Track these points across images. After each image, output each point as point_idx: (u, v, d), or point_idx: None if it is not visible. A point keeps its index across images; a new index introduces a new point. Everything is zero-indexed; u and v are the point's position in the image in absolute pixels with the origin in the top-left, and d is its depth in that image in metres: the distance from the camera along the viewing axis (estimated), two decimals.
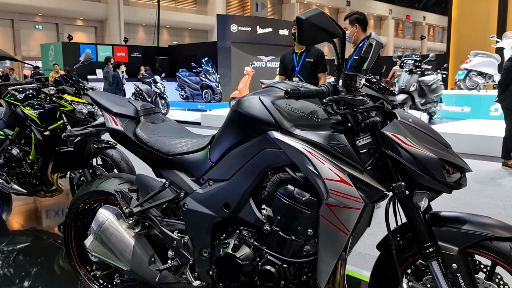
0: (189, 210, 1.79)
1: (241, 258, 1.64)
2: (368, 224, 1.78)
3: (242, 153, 1.67)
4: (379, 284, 1.64)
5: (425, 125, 1.52)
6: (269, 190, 1.62)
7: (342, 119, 1.57)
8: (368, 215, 1.74)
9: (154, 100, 12.94)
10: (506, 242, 1.43)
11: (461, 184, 1.47)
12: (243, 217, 1.69)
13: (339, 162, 1.48)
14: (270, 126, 1.59)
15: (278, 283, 1.60)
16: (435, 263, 1.46)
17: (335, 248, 1.50)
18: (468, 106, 9.94)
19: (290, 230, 1.57)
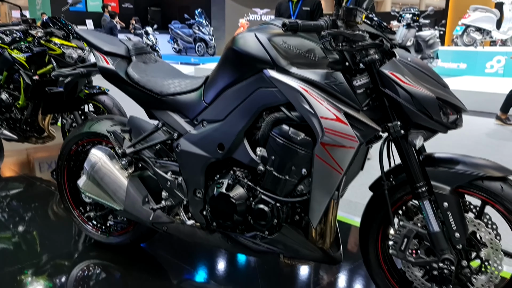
0: (183, 151, 1.78)
1: (235, 198, 1.65)
2: (361, 167, 1.79)
3: (237, 93, 1.64)
4: (370, 224, 1.67)
5: (424, 64, 1.49)
6: (264, 130, 1.60)
7: (339, 58, 1.53)
8: (361, 157, 1.74)
9: None
10: (497, 181, 1.44)
11: (457, 124, 1.46)
12: (237, 158, 1.68)
13: (336, 101, 1.46)
14: (266, 64, 1.55)
15: (271, 222, 1.62)
16: (427, 202, 1.47)
17: (328, 187, 1.50)
18: (464, 63, 9.86)
19: (284, 170, 1.57)
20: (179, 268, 2.11)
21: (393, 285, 1.67)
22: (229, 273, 2.09)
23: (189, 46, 16.12)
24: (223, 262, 2.18)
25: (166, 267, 2.14)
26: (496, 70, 9.45)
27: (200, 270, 2.10)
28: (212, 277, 2.04)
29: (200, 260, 2.18)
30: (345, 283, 2.00)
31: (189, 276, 2.05)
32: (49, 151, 4.13)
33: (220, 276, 2.06)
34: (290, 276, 2.04)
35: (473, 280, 1.50)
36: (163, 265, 2.16)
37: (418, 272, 1.59)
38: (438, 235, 1.47)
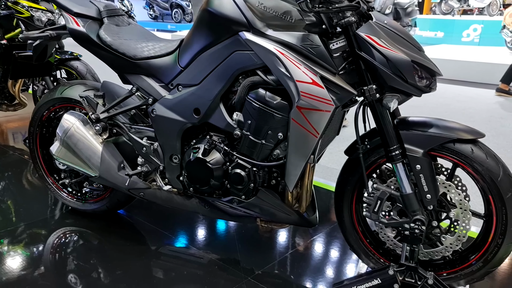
0: (158, 117, 1.76)
1: (212, 162, 1.65)
2: (337, 132, 1.80)
3: (213, 56, 1.61)
4: (345, 187, 1.69)
5: (400, 27, 1.49)
6: (240, 94, 1.59)
7: (316, 20, 1.51)
8: (337, 122, 1.75)
9: None
10: (468, 144, 1.48)
11: (431, 88, 1.47)
12: (213, 122, 1.67)
13: (312, 64, 1.45)
14: (241, 27, 1.51)
15: (248, 186, 1.63)
16: (400, 165, 1.50)
17: (304, 151, 1.51)
18: (441, 31, 9.92)
19: (260, 135, 1.57)
20: (157, 234, 2.12)
21: (366, 246, 1.72)
22: (207, 238, 2.12)
23: (165, 13, 15.68)
24: (201, 227, 2.20)
25: (145, 233, 2.15)
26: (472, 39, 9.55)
27: (178, 235, 2.11)
28: (191, 242, 2.06)
29: (178, 226, 2.20)
30: (321, 246, 2.05)
31: (168, 242, 2.07)
32: (21, 119, 4.01)
33: (199, 241, 2.08)
34: (267, 239, 2.08)
35: (442, 239, 1.56)
36: (141, 231, 2.17)
37: (391, 233, 1.64)
38: (410, 197, 1.51)
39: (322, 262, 1.93)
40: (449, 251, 1.57)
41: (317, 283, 1.79)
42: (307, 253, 1.98)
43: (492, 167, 1.46)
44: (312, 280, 1.81)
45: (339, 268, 1.89)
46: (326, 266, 1.90)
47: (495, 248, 1.51)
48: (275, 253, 1.96)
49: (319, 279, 1.82)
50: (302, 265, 1.90)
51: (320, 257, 1.96)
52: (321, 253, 1.99)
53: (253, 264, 1.90)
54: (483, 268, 1.55)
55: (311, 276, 1.83)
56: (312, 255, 1.97)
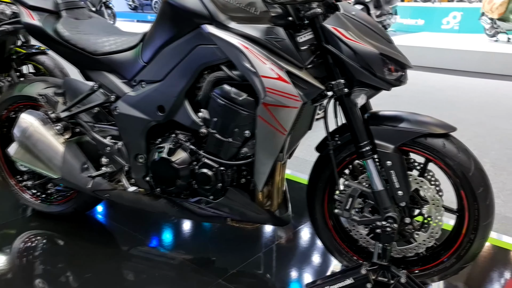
0: (121, 114, 1.68)
1: (177, 162, 1.58)
2: (309, 127, 1.75)
3: (176, 51, 1.53)
4: (316, 184, 1.65)
5: (368, 18, 1.43)
6: (205, 90, 1.52)
7: (282, 12, 1.44)
8: (308, 117, 1.70)
9: (99, 10, 11.98)
10: (440, 138, 1.44)
11: (401, 81, 1.42)
12: (178, 120, 1.59)
13: (277, 59, 1.38)
14: (203, 19, 1.44)
15: (216, 186, 1.57)
16: (371, 161, 1.46)
17: (272, 149, 1.45)
18: (421, 19, 9.92)
19: (227, 132, 1.50)
20: (127, 235, 2.05)
21: (339, 244, 1.69)
22: (178, 238, 2.06)
23: (145, 3, 15.39)
24: (172, 227, 2.13)
25: (114, 235, 2.08)
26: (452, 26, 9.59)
27: (149, 236, 2.05)
28: (162, 243, 2.00)
29: (149, 226, 2.13)
30: (295, 243, 2.01)
31: (138, 243, 2.00)
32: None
33: (170, 242, 2.02)
34: (240, 239, 2.02)
35: (416, 236, 1.53)
36: (111, 233, 2.09)
37: (364, 231, 1.61)
38: (382, 194, 1.47)
39: (296, 260, 1.88)
40: (423, 248, 1.54)
41: (291, 282, 1.75)
42: (281, 251, 1.94)
43: (464, 162, 1.42)
44: (285, 280, 1.76)
45: (313, 267, 1.85)
46: (300, 265, 1.85)
47: (468, 243, 1.49)
48: (248, 252, 1.91)
49: (292, 278, 1.77)
50: (276, 264, 1.85)
51: (294, 256, 1.92)
52: (296, 251, 1.95)
53: (226, 265, 1.84)
54: (456, 264, 1.52)
55: (285, 275, 1.79)
56: (286, 254, 1.92)
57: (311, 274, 1.80)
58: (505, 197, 2.62)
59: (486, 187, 1.43)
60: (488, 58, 6.44)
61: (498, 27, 7.99)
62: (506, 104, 4.80)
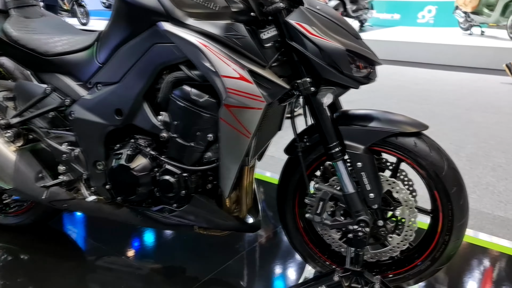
0: (77, 119, 1.57)
1: (137, 169, 1.48)
2: (279, 127, 1.67)
3: (132, 50, 1.43)
4: (286, 188, 1.57)
5: (335, 13, 1.36)
6: (163, 92, 1.42)
7: (244, 7, 1.35)
8: (277, 117, 1.62)
9: (71, 8, 11.68)
10: (411, 137, 1.38)
11: (370, 78, 1.35)
12: (138, 124, 1.50)
13: (239, 57, 1.30)
14: (159, 16, 1.34)
15: (179, 194, 1.48)
16: (341, 163, 1.39)
17: (237, 153, 1.37)
18: (397, 13, 9.97)
19: (189, 136, 1.41)
20: (91, 246, 1.95)
21: (312, 249, 1.62)
22: (146, 247, 1.96)
23: None
24: (138, 235, 2.03)
25: (77, 246, 1.97)
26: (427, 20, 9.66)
27: (114, 246, 1.94)
28: (128, 253, 1.90)
29: (113, 235, 2.02)
30: (268, 249, 1.93)
31: (102, 254, 1.89)
32: None
33: (137, 251, 1.92)
34: (210, 246, 1.93)
35: (389, 239, 1.47)
36: (73, 244, 1.98)
37: (336, 235, 1.54)
38: (353, 197, 1.40)
39: (268, 267, 1.81)
40: (397, 252, 1.48)
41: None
42: (252, 258, 1.86)
43: (436, 161, 1.37)
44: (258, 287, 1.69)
45: (287, 273, 1.78)
46: (272, 272, 1.78)
47: (442, 245, 1.43)
48: (218, 260, 1.83)
49: (264, 286, 1.70)
50: (247, 272, 1.78)
51: (267, 262, 1.84)
52: (268, 257, 1.87)
53: (196, 273, 1.76)
54: (431, 266, 1.47)
55: (257, 283, 1.71)
56: (258, 260, 1.85)
57: (283, 281, 1.73)
58: (480, 192, 2.60)
59: (460, 187, 1.38)
60: (462, 51, 6.49)
61: (471, 20, 8.08)
62: (480, 97, 4.83)
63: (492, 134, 3.60)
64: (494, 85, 5.42)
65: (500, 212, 2.36)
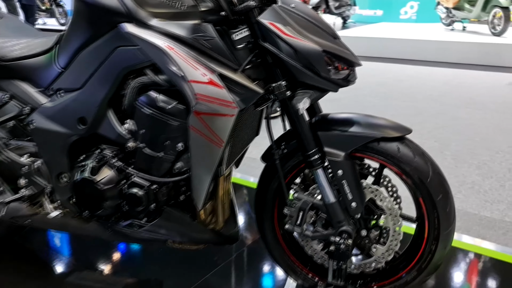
0: (38, 129, 1.46)
1: (102, 182, 1.38)
2: (256, 132, 1.58)
3: (94, 54, 1.33)
4: (264, 197, 1.48)
5: (311, 12, 1.27)
6: (129, 98, 1.32)
7: (214, 6, 1.26)
8: (254, 122, 1.53)
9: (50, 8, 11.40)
10: (394, 142, 1.30)
11: (349, 80, 1.27)
12: (103, 133, 1.39)
13: (208, 60, 1.20)
14: (121, 17, 1.24)
15: (148, 208, 1.38)
16: (321, 171, 1.30)
17: (208, 163, 1.27)
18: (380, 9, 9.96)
19: (156, 146, 1.31)
20: (61, 261, 1.83)
21: (293, 262, 1.53)
22: (119, 261, 1.85)
23: None
24: (111, 249, 1.92)
25: (46, 262, 1.85)
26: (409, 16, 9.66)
27: (85, 260, 1.83)
28: (101, 267, 1.79)
29: (84, 249, 1.91)
30: (248, 261, 1.84)
31: (73, 269, 1.78)
32: None
33: (110, 265, 1.82)
34: (185, 259, 1.83)
35: (373, 250, 1.39)
36: (42, 260, 1.86)
37: (318, 246, 1.46)
38: (334, 206, 1.32)
39: (249, 280, 1.72)
40: (381, 262, 1.40)
41: None
42: (231, 271, 1.76)
43: (421, 167, 1.29)
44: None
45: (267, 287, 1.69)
46: (253, 285, 1.69)
47: (429, 254, 1.36)
48: (195, 274, 1.73)
49: None
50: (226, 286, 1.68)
51: (247, 275, 1.75)
52: (249, 269, 1.78)
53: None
54: (418, 276, 1.39)
55: None
56: (238, 273, 1.76)
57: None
58: (466, 191, 2.55)
59: (446, 194, 1.30)
60: (444, 47, 6.48)
61: (453, 16, 8.09)
62: (463, 93, 4.81)
63: (477, 130, 3.57)
64: (477, 80, 5.41)
65: (487, 213, 2.31)
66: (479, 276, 1.77)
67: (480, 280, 1.74)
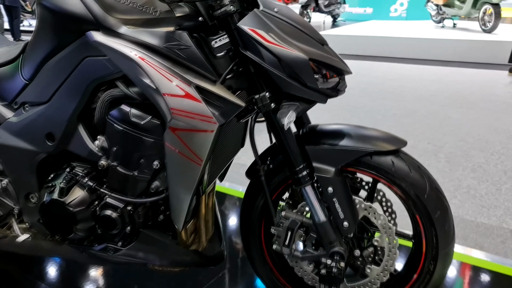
0: (3, 146, 1.34)
1: (73, 204, 1.26)
2: (241, 143, 1.48)
3: (60, 65, 1.22)
4: (250, 215, 1.38)
5: (296, 16, 1.16)
6: (99, 113, 1.21)
7: (190, 11, 1.16)
8: (238, 134, 1.43)
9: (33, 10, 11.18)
10: (388, 156, 1.20)
11: (339, 90, 1.17)
12: (73, 150, 1.28)
13: (183, 71, 1.09)
14: (87, 24, 1.13)
15: (124, 231, 1.27)
16: (309, 188, 1.20)
17: (188, 183, 1.17)
18: (370, 7, 9.89)
19: (130, 164, 1.21)
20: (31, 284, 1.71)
21: (282, 283, 1.43)
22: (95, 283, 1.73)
23: None
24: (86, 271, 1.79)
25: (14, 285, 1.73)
26: (399, 14, 9.60)
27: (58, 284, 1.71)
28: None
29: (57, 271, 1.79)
30: (234, 280, 1.73)
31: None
32: None
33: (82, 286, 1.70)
34: (167, 280, 1.72)
35: (368, 271, 1.29)
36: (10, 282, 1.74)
37: (308, 267, 1.36)
38: (325, 226, 1.22)
39: None
40: (377, 284, 1.30)
41: None
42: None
43: (417, 182, 1.19)
44: None
45: None
46: None
47: (427, 275, 1.27)
48: None
49: None
50: None
51: None
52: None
53: None
54: None
55: None
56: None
57: None
58: (461, 196, 2.47)
59: (444, 210, 1.21)
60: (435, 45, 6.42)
61: (443, 13, 8.04)
62: (455, 92, 4.74)
63: (470, 131, 3.50)
64: (468, 78, 5.36)
65: (483, 219, 2.23)
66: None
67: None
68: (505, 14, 7.17)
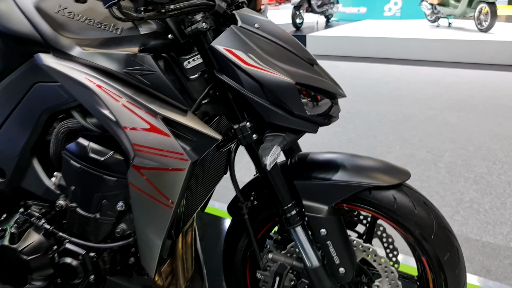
0: None
1: (26, 251, 1.10)
2: (224, 171, 1.32)
3: (8, 91, 1.05)
4: (233, 255, 1.22)
5: (280, 32, 1.00)
6: (55, 146, 1.05)
7: (158, 28, 0.99)
8: (220, 161, 1.27)
9: None
10: (389, 191, 1.04)
11: (331, 116, 1.00)
12: (28, 188, 1.12)
13: (148, 100, 0.93)
14: (36, 46, 0.96)
15: (86, 279, 1.10)
16: (299, 230, 1.05)
17: (157, 228, 1.00)
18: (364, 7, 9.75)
19: (91, 206, 1.04)
20: None
21: None
22: None
23: None
24: None
25: None
26: (394, 13, 9.47)
27: None
28: None
29: None
30: None
31: None
32: None
33: None
34: None
35: None
36: None
37: None
38: (318, 271, 1.06)
39: None
40: None
41: None
42: None
43: (423, 221, 1.03)
44: None
45: None
46: None
47: None
48: None
49: None
50: None
51: None
52: None
53: None
54: None
55: None
56: None
57: None
58: (464, 212, 2.31)
59: (454, 251, 1.05)
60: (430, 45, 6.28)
61: (438, 12, 7.91)
62: (452, 95, 4.60)
63: (470, 138, 3.35)
64: (465, 80, 5.22)
65: (489, 238, 2.08)
66: None
67: None
68: (498, 12, 7.03)
